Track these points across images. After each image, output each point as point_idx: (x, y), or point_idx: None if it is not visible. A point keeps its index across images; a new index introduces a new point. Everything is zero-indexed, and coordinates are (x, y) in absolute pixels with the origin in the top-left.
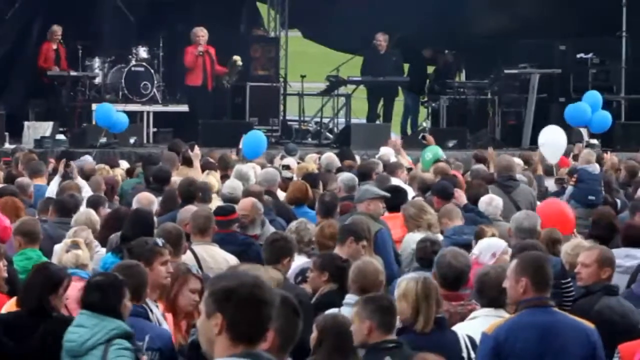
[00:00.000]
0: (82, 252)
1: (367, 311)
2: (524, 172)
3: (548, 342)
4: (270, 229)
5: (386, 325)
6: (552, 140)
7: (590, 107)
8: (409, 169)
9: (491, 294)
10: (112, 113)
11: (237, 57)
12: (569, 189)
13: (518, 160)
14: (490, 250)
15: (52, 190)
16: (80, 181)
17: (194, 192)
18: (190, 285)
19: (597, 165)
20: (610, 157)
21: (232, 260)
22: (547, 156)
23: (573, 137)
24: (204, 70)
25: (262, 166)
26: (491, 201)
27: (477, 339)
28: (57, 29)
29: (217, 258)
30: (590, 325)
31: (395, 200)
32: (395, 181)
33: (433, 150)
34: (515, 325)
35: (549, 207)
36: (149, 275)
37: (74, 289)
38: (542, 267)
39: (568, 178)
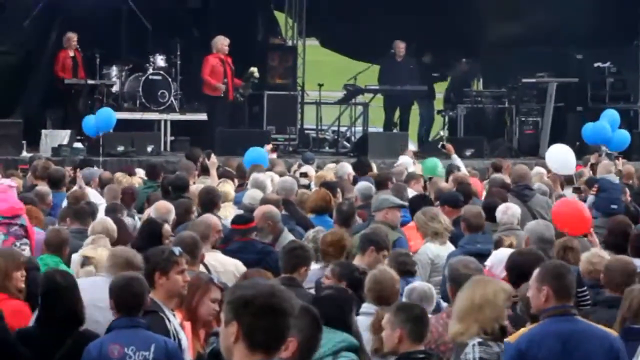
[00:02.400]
0: (93, 268)
1: (398, 320)
2: (545, 181)
3: (570, 350)
4: (289, 238)
5: (417, 334)
6: (559, 158)
7: (610, 125)
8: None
9: None
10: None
11: (254, 69)
12: (590, 198)
13: (541, 170)
14: (503, 262)
15: None
16: (89, 190)
17: (214, 200)
18: (212, 295)
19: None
20: (624, 165)
21: (238, 264)
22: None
23: (591, 147)
24: (224, 81)
25: (280, 175)
26: (507, 210)
27: None
28: (72, 36)
29: (223, 262)
30: (614, 333)
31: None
32: (409, 192)
33: (426, 164)
34: (537, 334)
35: (565, 206)
36: (165, 285)
37: None
38: (564, 275)
39: (585, 188)
